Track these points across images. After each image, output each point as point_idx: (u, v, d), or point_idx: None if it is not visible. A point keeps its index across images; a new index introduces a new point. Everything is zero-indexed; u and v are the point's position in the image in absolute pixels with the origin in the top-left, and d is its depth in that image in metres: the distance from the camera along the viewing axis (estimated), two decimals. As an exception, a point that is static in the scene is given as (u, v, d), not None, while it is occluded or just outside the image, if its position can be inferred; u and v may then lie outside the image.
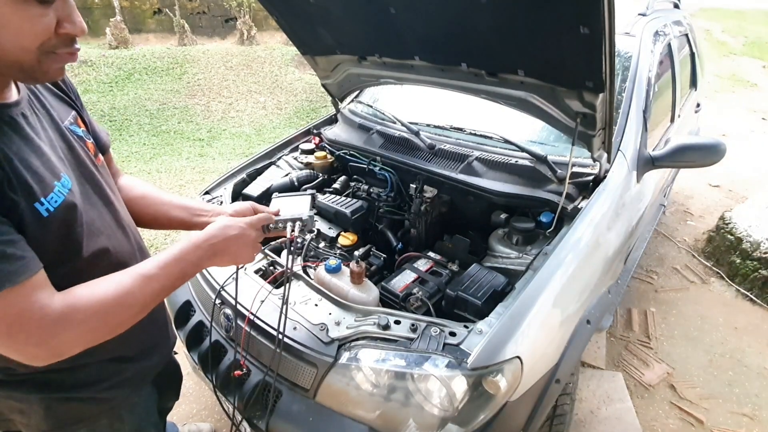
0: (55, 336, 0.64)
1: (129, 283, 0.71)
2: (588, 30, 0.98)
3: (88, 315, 0.67)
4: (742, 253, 2.62)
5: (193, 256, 0.79)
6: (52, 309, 0.63)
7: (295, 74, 6.21)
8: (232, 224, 0.86)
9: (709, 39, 9.25)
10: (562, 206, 1.36)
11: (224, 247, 0.84)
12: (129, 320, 0.73)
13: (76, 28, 0.63)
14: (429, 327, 1.08)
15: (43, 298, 0.63)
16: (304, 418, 1.10)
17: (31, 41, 0.60)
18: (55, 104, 0.81)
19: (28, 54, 0.61)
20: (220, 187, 1.76)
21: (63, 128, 0.78)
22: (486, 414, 1.02)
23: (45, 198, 0.66)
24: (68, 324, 0.65)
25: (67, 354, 0.67)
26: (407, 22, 1.33)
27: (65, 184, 0.70)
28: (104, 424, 0.92)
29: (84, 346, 0.68)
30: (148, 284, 0.73)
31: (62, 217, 0.69)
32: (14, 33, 0.58)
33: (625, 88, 1.73)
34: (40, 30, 0.60)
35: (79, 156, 0.79)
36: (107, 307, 0.69)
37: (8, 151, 0.63)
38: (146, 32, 7.59)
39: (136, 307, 0.73)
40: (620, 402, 1.87)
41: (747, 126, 5.37)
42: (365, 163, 1.82)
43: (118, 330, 0.72)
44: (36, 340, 0.63)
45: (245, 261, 0.90)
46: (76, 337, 0.67)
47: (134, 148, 4.44)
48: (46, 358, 0.65)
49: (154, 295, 0.74)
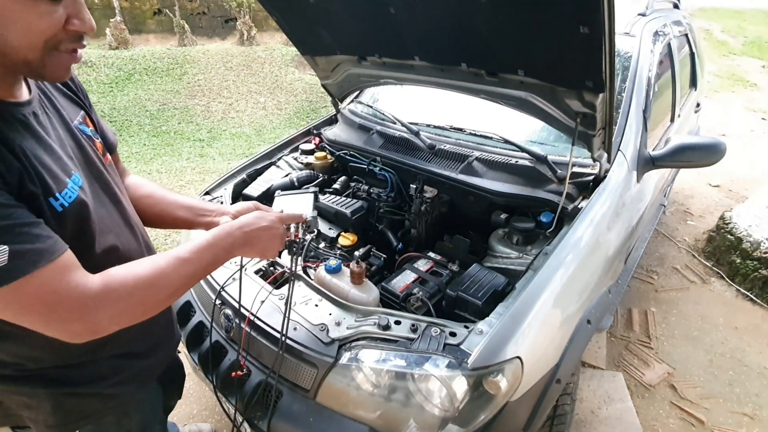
0: (95, 313, 0.66)
1: (164, 265, 0.74)
2: (588, 30, 0.98)
3: (125, 293, 0.68)
4: (743, 253, 2.62)
5: (225, 242, 0.82)
6: (90, 287, 0.65)
7: (295, 74, 6.21)
8: (265, 216, 0.90)
9: (708, 39, 9.25)
10: (562, 206, 1.36)
11: (255, 237, 0.87)
12: (164, 301, 0.75)
13: (85, 25, 0.64)
14: (429, 327, 1.07)
15: (79, 277, 0.65)
16: (305, 418, 1.10)
17: (39, 38, 0.60)
18: (64, 104, 0.82)
19: (35, 51, 0.61)
20: (221, 188, 1.76)
21: (73, 127, 0.80)
22: (486, 414, 1.02)
23: (60, 193, 0.67)
24: (106, 301, 0.66)
25: (105, 331, 0.68)
26: (407, 22, 1.33)
27: (76, 182, 0.71)
28: (111, 420, 0.93)
29: (122, 324, 0.70)
30: (182, 267, 0.75)
31: (76, 213, 0.70)
32: (23, 29, 0.59)
33: (625, 88, 1.73)
34: (48, 26, 0.60)
35: (89, 155, 0.81)
36: (143, 287, 0.70)
37: (24, 147, 0.64)
38: (146, 33, 7.59)
39: (170, 289, 0.75)
40: (621, 402, 1.87)
41: (747, 126, 5.37)
42: (365, 164, 1.82)
43: (154, 310, 0.74)
44: (77, 316, 0.64)
45: (272, 254, 0.93)
46: (114, 314, 0.68)
47: (134, 149, 4.44)
48: (88, 335, 0.67)
49: (187, 278, 0.77)
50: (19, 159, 0.62)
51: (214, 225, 1.03)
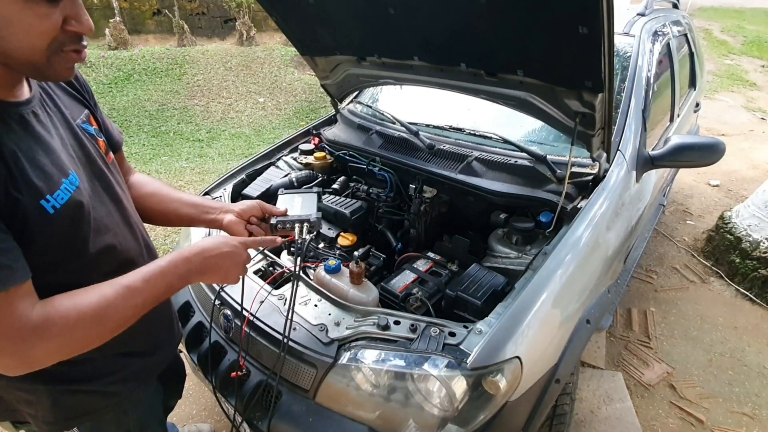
0: (31, 347, 0.63)
1: (112, 295, 0.70)
2: (587, 30, 0.98)
3: (66, 327, 0.66)
4: (742, 253, 2.62)
5: (182, 270, 0.78)
6: (30, 319, 0.62)
7: (295, 75, 6.21)
8: (227, 241, 0.86)
9: (708, 38, 9.26)
10: (562, 206, 1.36)
11: (215, 264, 0.83)
12: (109, 332, 0.72)
13: (83, 27, 0.64)
14: (429, 327, 1.07)
15: (22, 308, 0.62)
16: (304, 418, 1.09)
17: (40, 39, 0.61)
18: (67, 102, 0.82)
19: (37, 53, 0.62)
20: (220, 188, 1.76)
21: (75, 126, 0.79)
22: (486, 414, 1.02)
23: (51, 195, 0.66)
24: (44, 335, 0.64)
25: (41, 365, 0.66)
26: (406, 22, 1.33)
27: (73, 182, 0.71)
28: (110, 417, 0.93)
29: (60, 357, 0.67)
30: (131, 298, 0.72)
31: (69, 214, 0.69)
32: (23, 31, 0.59)
33: (624, 87, 1.73)
34: (47, 28, 0.60)
35: (90, 154, 0.80)
36: (87, 321, 0.67)
37: (15, 148, 0.63)
38: (146, 33, 7.58)
39: (118, 320, 0.71)
40: (620, 402, 1.87)
41: (746, 125, 5.37)
42: (365, 164, 1.82)
43: (95, 343, 0.71)
44: (10, 350, 0.62)
45: (232, 281, 0.88)
46: (52, 348, 0.65)
47: (134, 149, 4.43)
48: (20, 369, 0.65)
49: (137, 309, 0.73)
50: (6, 164, 0.61)
51: (217, 222, 1.03)
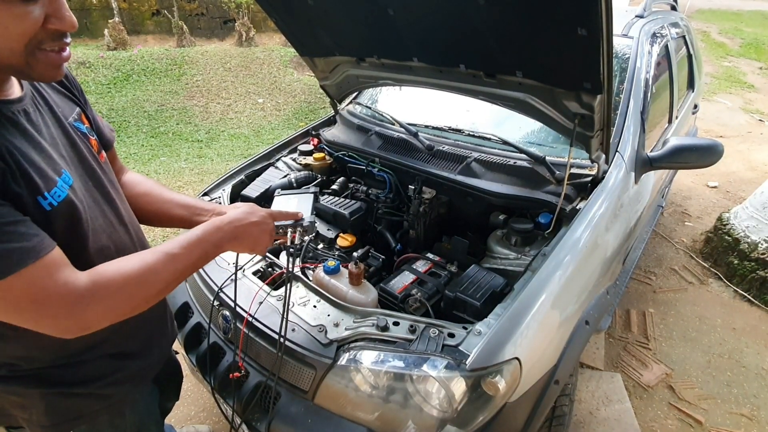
0: (83, 310, 0.66)
1: (153, 261, 0.74)
2: (586, 31, 0.98)
3: (114, 291, 0.69)
4: (740, 254, 2.63)
5: (215, 237, 0.83)
6: (78, 284, 0.66)
7: (294, 75, 6.21)
8: (255, 211, 0.90)
9: (706, 40, 9.28)
10: (561, 207, 1.36)
11: (245, 232, 0.87)
12: (153, 297, 0.75)
13: (64, 23, 0.62)
14: (428, 328, 1.07)
15: (67, 274, 0.65)
16: (303, 420, 1.09)
17: (17, 41, 0.59)
18: (59, 101, 0.82)
19: (16, 55, 0.60)
20: (219, 189, 1.76)
21: (66, 125, 0.79)
22: (485, 415, 1.02)
23: (48, 192, 0.66)
24: (95, 298, 0.67)
25: (95, 327, 0.69)
26: (406, 23, 1.33)
27: (66, 180, 0.71)
28: (105, 420, 0.93)
29: (111, 320, 0.71)
30: (171, 263, 0.76)
31: (65, 212, 0.70)
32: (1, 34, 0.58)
33: (623, 89, 1.73)
34: (26, 28, 0.59)
35: (82, 152, 0.80)
36: (132, 284, 0.71)
37: (10, 146, 0.63)
38: (144, 33, 7.58)
39: (160, 285, 0.75)
40: (619, 403, 1.87)
41: (744, 127, 5.39)
42: (364, 165, 1.82)
43: (143, 306, 0.75)
44: (65, 312, 0.65)
45: (261, 251, 0.93)
46: (103, 311, 0.69)
47: (132, 150, 4.43)
48: (77, 331, 0.68)
49: (176, 274, 0.77)
50: (3, 158, 0.61)
51: None
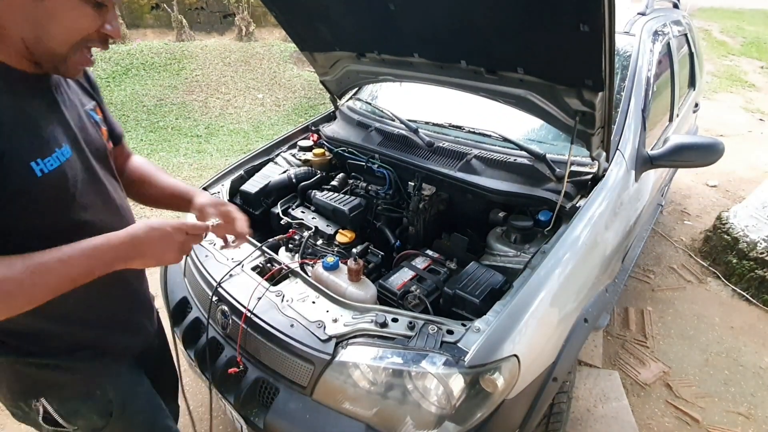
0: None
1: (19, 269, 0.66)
2: (588, 28, 0.98)
3: None
4: (739, 253, 2.63)
5: (107, 257, 0.76)
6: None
7: (294, 71, 6.18)
8: (157, 226, 0.83)
9: (707, 39, 9.26)
10: (561, 205, 1.36)
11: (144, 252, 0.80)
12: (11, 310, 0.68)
13: (115, 32, 0.74)
14: (426, 325, 1.07)
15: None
16: (301, 415, 1.09)
17: (75, 35, 0.70)
18: (78, 92, 0.89)
19: (65, 45, 0.70)
20: (218, 184, 1.75)
21: (82, 111, 0.86)
22: (483, 412, 1.02)
23: (42, 159, 0.70)
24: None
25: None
26: (407, 18, 1.32)
27: (65, 153, 0.74)
28: (80, 392, 0.93)
29: None
30: (42, 276, 0.68)
31: (55, 181, 0.72)
32: (67, 25, 0.68)
33: (624, 87, 1.73)
34: (87, 27, 0.70)
35: (91, 134, 0.85)
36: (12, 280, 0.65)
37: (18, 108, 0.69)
38: (144, 27, 7.53)
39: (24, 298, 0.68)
40: (616, 400, 1.88)
41: (745, 126, 5.38)
42: (363, 161, 1.82)
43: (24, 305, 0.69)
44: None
45: (171, 262, 0.86)
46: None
47: (132, 144, 4.41)
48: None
49: (47, 288, 0.69)
50: None
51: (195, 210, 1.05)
